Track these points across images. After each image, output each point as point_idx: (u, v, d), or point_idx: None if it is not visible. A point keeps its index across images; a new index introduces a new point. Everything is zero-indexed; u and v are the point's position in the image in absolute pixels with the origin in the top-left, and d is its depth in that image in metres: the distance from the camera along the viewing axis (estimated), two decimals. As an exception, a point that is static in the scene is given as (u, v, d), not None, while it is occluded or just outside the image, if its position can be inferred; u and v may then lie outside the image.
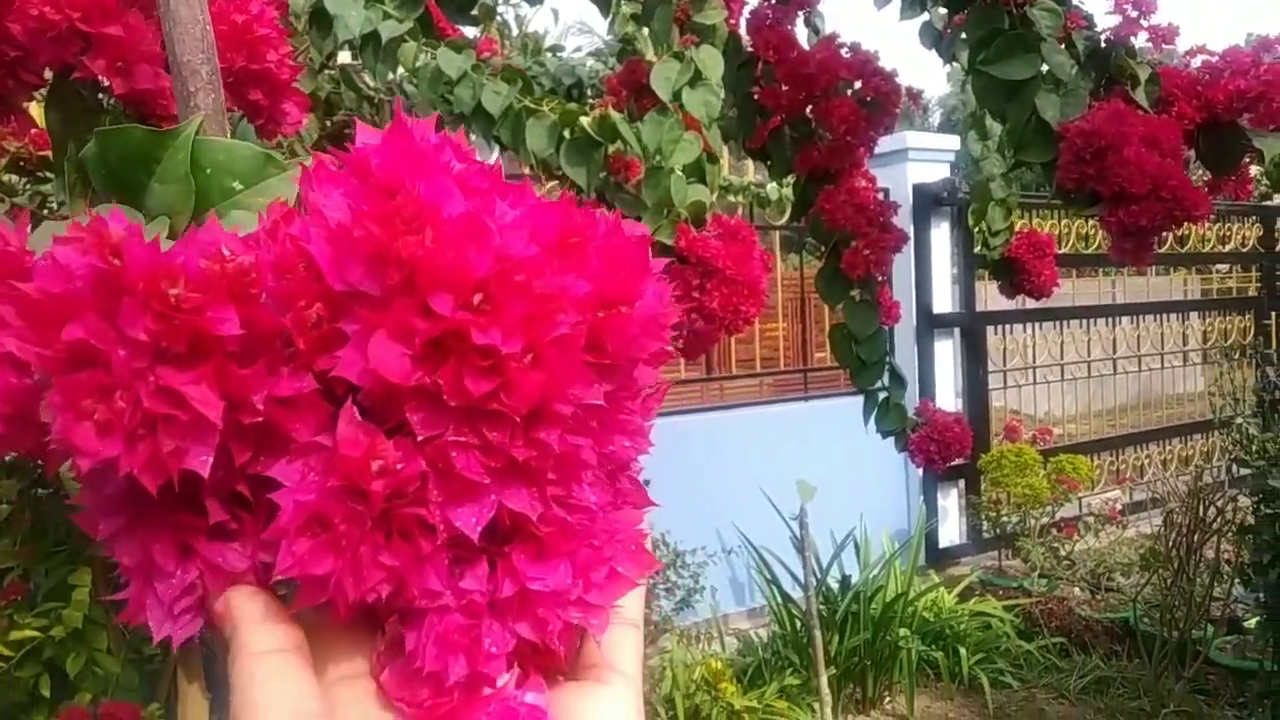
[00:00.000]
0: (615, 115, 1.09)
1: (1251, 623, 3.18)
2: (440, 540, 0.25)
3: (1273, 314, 5.77)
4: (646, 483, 0.36)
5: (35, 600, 1.96)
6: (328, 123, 2.06)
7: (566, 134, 1.15)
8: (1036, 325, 4.79)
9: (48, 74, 0.57)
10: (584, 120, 1.14)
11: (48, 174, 1.52)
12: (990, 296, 4.67)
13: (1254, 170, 1.50)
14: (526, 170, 1.42)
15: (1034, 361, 4.85)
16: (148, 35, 0.49)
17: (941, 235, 4.45)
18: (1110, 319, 5.17)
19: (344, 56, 1.96)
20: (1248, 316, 5.71)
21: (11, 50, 0.51)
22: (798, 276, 5.28)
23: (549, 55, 2.47)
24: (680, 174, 1.21)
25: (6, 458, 1.84)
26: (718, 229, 1.19)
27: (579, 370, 0.26)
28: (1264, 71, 1.32)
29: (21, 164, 1.35)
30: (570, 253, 0.27)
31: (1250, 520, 2.79)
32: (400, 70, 1.62)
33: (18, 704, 1.58)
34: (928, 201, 4.33)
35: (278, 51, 0.51)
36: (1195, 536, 3.06)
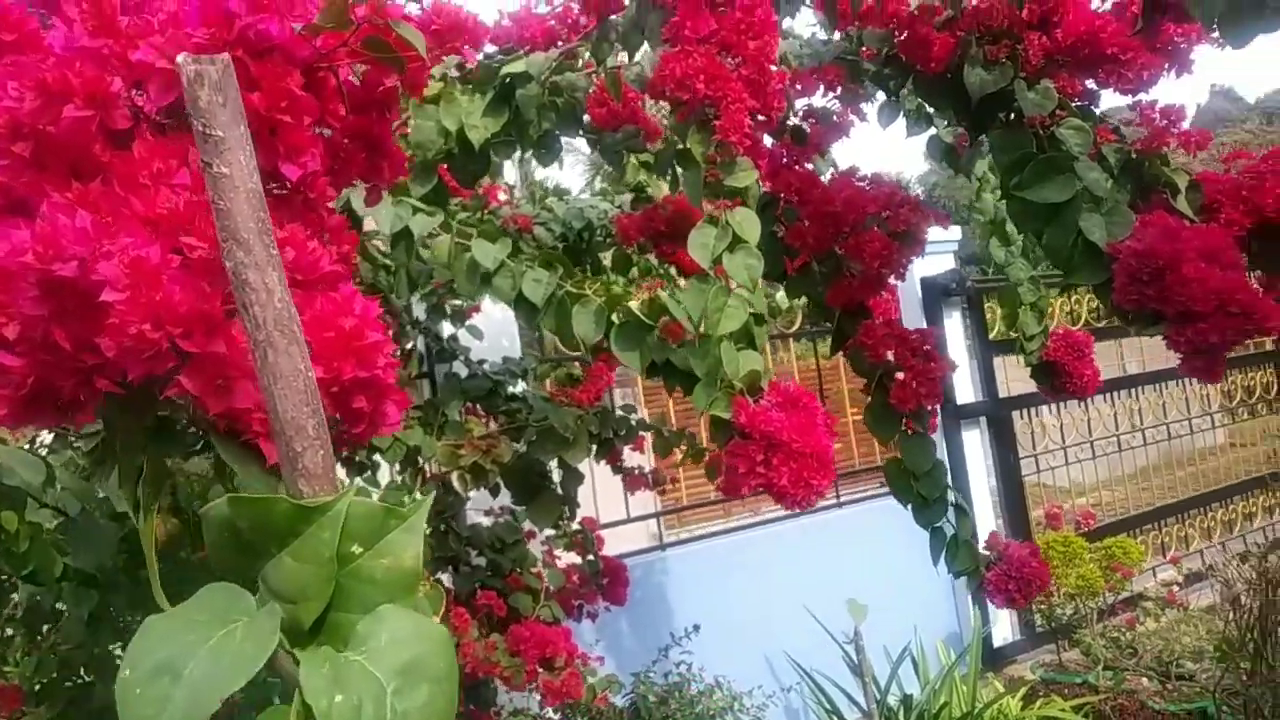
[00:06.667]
0: (663, 295, 1.04)
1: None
2: None
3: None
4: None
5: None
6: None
7: (615, 318, 1.11)
8: (1061, 404, 4.71)
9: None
10: (633, 304, 1.09)
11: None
12: (1011, 381, 4.61)
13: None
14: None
15: (1064, 442, 4.76)
16: (248, 349, 0.42)
17: (954, 325, 4.43)
18: (1132, 388, 5.11)
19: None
20: (1269, 370, 5.66)
21: (91, 359, 0.44)
22: (811, 366, 5.14)
23: (554, 200, 2.47)
24: (729, 342, 1.16)
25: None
26: (776, 397, 1.13)
27: None
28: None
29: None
30: None
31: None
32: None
33: None
34: (937, 294, 4.32)
35: (385, 355, 0.45)
36: (1269, 620, 2.93)
